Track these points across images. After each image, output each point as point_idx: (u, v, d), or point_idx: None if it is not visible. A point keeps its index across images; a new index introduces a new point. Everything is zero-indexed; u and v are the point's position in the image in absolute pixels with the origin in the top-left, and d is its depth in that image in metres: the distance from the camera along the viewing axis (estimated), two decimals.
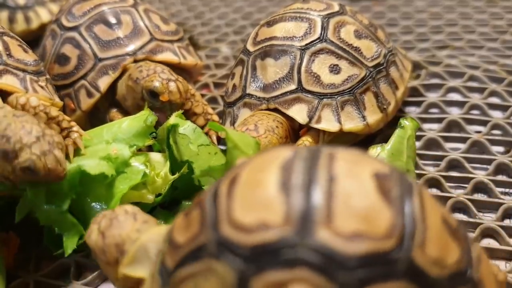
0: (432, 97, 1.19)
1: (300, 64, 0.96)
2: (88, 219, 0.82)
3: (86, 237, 0.65)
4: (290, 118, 0.96)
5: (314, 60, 0.97)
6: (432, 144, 1.06)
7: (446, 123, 1.10)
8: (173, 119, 0.89)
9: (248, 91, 1.00)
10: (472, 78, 1.24)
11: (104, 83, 1.04)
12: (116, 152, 0.87)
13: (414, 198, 0.48)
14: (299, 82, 0.96)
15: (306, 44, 0.98)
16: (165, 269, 0.53)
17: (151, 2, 1.90)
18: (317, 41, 0.98)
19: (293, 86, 0.96)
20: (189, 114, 1.05)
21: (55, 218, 0.82)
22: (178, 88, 0.97)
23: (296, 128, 0.98)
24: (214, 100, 1.28)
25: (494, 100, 1.16)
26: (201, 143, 0.88)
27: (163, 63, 1.06)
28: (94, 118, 1.08)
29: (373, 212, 0.46)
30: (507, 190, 0.95)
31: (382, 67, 1.02)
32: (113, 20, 1.08)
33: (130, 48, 1.06)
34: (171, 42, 1.12)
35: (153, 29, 1.10)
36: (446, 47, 1.41)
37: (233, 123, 1.01)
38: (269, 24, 1.04)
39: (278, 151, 0.52)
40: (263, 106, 0.97)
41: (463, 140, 1.05)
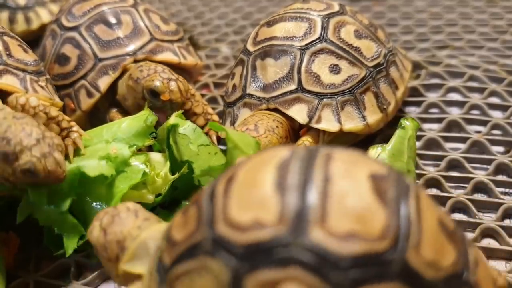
0: (432, 97, 1.19)
1: (300, 64, 0.96)
2: (88, 219, 0.82)
3: (88, 233, 0.65)
4: (290, 118, 0.96)
5: (314, 60, 0.97)
6: (432, 144, 1.06)
7: (446, 123, 1.10)
8: (173, 119, 0.89)
9: (248, 91, 1.00)
10: (472, 78, 1.24)
11: (104, 83, 1.04)
12: (115, 151, 0.87)
13: (410, 200, 0.48)
14: (299, 82, 0.96)
15: (306, 44, 0.98)
16: (162, 266, 0.54)
17: (151, 2, 1.90)
18: (317, 41, 0.98)
19: (293, 86, 0.96)
20: (189, 114, 1.05)
21: (55, 219, 0.82)
22: (179, 87, 0.97)
23: (296, 128, 0.98)
24: (214, 100, 1.28)
25: (494, 100, 1.16)
26: (201, 143, 0.88)
27: (163, 63, 1.06)
28: (94, 118, 1.08)
29: (367, 212, 0.46)
30: (507, 190, 0.95)
31: (382, 67, 1.02)
32: (113, 20, 1.08)
33: (130, 48, 1.06)
34: (171, 42, 1.12)
35: (153, 29, 1.10)
36: (446, 47, 1.41)
37: (233, 123, 1.01)
38: (269, 24, 1.04)
39: (275, 151, 0.52)
40: (263, 106, 0.97)
41: (463, 140, 1.05)
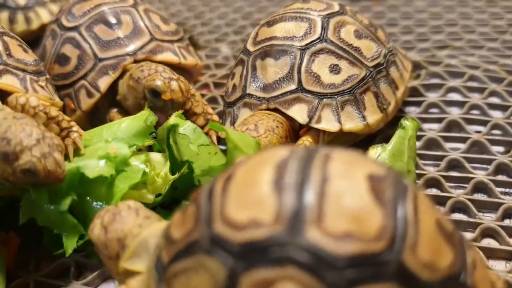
0: (432, 97, 1.19)
1: (300, 64, 0.96)
2: (88, 219, 0.82)
3: (89, 231, 0.66)
4: (290, 118, 0.96)
5: (314, 60, 0.97)
6: (432, 144, 1.06)
7: (446, 123, 1.10)
8: (173, 119, 0.89)
9: (248, 91, 1.00)
10: (472, 78, 1.24)
11: (104, 83, 1.04)
12: (115, 151, 0.87)
13: (408, 201, 0.48)
14: (299, 82, 0.96)
15: (306, 44, 0.98)
16: (160, 263, 0.54)
17: (151, 2, 1.91)
18: (317, 41, 0.98)
19: (293, 86, 0.96)
20: (189, 114, 1.05)
21: (55, 219, 0.82)
22: (180, 87, 0.97)
23: (296, 128, 0.98)
24: (214, 100, 1.28)
25: (494, 100, 1.16)
26: (201, 143, 0.88)
27: (163, 63, 1.06)
28: (94, 118, 1.08)
29: (364, 213, 0.46)
30: (507, 190, 0.95)
31: (382, 67, 1.02)
32: (113, 20, 1.08)
33: (130, 48, 1.06)
34: (171, 42, 1.12)
35: (153, 29, 1.10)
36: (446, 47, 1.41)
37: (233, 123, 1.01)
38: (269, 24, 1.04)
39: (274, 151, 0.53)
40: (263, 106, 0.97)
41: (463, 140, 1.05)
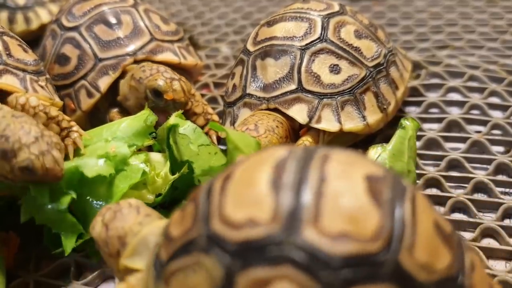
0: (432, 97, 1.19)
1: (300, 64, 0.96)
2: (89, 219, 0.82)
3: (90, 228, 0.66)
4: (290, 118, 0.96)
5: (314, 60, 0.97)
6: (432, 144, 1.06)
7: (446, 123, 1.10)
8: (173, 119, 0.89)
9: (248, 91, 1.00)
10: (472, 78, 1.24)
11: (104, 83, 1.04)
12: (114, 150, 0.87)
13: (405, 202, 0.48)
14: (299, 82, 0.96)
15: (306, 44, 0.98)
16: (159, 261, 0.54)
17: (151, 2, 1.91)
18: (317, 41, 0.98)
19: (293, 86, 0.96)
20: (189, 114, 1.05)
21: (54, 218, 0.82)
22: (182, 87, 0.97)
23: (296, 128, 0.98)
24: (214, 100, 1.28)
25: (494, 100, 1.16)
26: (201, 143, 0.88)
27: (163, 63, 1.06)
28: (94, 118, 1.08)
29: (361, 213, 0.46)
30: (507, 190, 0.95)
31: (382, 67, 1.02)
32: (113, 20, 1.08)
33: (130, 48, 1.06)
34: (171, 42, 1.12)
35: (153, 29, 1.10)
36: (446, 47, 1.41)
37: (233, 123, 1.01)
38: (269, 24, 1.04)
39: (273, 151, 0.53)
40: (263, 106, 0.97)
41: (463, 140, 1.05)
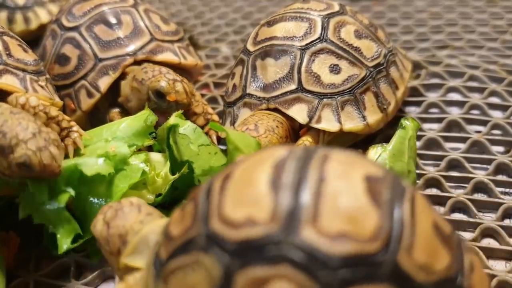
0: (432, 97, 1.19)
1: (300, 64, 0.96)
2: (89, 219, 0.82)
3: (91, 226, 0.66)
4: (290, 118, 0.96)
5: (314, 60, 0.97)
6: (432, 144, 1.06)
7: (446, 123, 1.10)
8: (173, 119, 0.89)
9: (248, 91, 1.00)
10: (472, 78, 1.24)
11: (104, 83, 1.04)
12: (114, 149, 0.87)
13: (405, 203, 0.48)
14: (299, 82, 0.96)
15: (306, 44, 0.98)
16: (159, 260, 0.54)
17: (151, 2, 1.91)
18: (317, 41, 0.98)
19: (293, 86, 0.96)
20: (189, 114, 1.05)
21: (51, 216, 0.82)
22: (184, 88, 0.97)
23: (296, 128, 0.98)
24: (214, 100, 1.28)
25: (494, 100, 1.16)
26: (201, 143, 0.88)
27: (163, 63, 1.06)
28: (94, 118, 1.08)
29: (360, 213, 0.46)
30: (507, 190, 0.95)
31: (382, 67, 1.02)
32: (113, 20, 1.08)
33: (130, 48, 1.06)
34: (172, 42, 1.12)
35: (153, 29, 1.10)
36: (446, 47, 1.41)
37: (233, 123, 1.01)
38: (269, 24, 1.04)
39: (273, 151, 0.53)
40: (263, 106, 0.97)
41: (463, 140, 1.05)
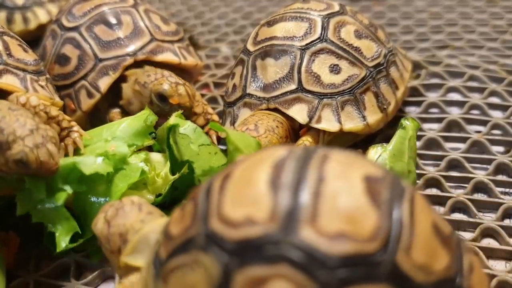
0: (432, 97, 1.19)
1: (300, 64, 0.96)
2: (88, 217, 0.82)
3: (92, 225, 0.66)
4: (290, 118, 0.96)
5: (314, 60, 0.97)
6: (432, 144, 1.06)
7: (446, 123, 1.10)
8: (173, 119, 0.89)
9: (248, 91, 1.00)
10: (472, 78, 1.24)
11: (104, 84, 1.04)
12: (114, 148, 0.87)
13: (404, 203, 0.48)
14: (299, 82, 0.96)
15: (307, 44, 0.98)
16: (158, 259, 0.54)
17: (151, 2, 1.91)
18: (317, 41, 0.98)
19: (293, 86, 0.96)
20: (189, 114, 1.05)
21: (49, 214, 0.81)
22: (187, 91, 0.97)
23: (296, 128, 0.98)
24: (214, 100, 1.28)
25: (494, 100, 1.16)
26: (201, 143, 0.88)
27: (164, 64, 1.06)
28: (95, 118, 1.08)
29: (359, 213, 0.46)
30: (507, 190, 0.95)
31: (382, 67, 1.02)
32: (113, 20, 1.08)
33: (130, 48, 1.06)
34: (172, 42, 1.12)
35: (153, 29, 1.10)
36: (446, 47, 1.41)
37: (233, 123, 1.01)
38: (269, 24, 1.04)
39: (273, 150, 0.53)
40: (263, 106, 0.97)
41: (463, 140, 1.05)
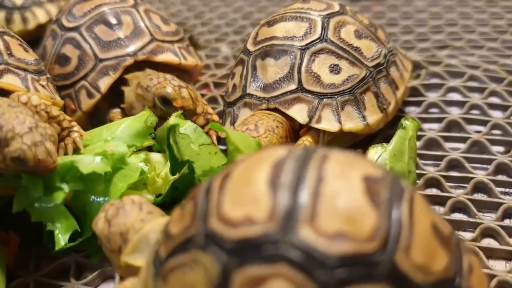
0: (432, 97, 1.20)
1: (300, 64, 0.97)
2: (88, 217, 0.82)
3: (93, 224, 0.66)
4: (290, 118, 0.96)
5: (314, 60, 0.97)
6: (432, 144, 1.06)
7: (446, 123, 1.10)
8: (173, 119, 0.89)
9: (248, 91, 1.00)
10: (472, 78, 1.24)
11: (104, 84, 1.04)
12: (112, 148, 0.87)
13: (403, 203, 0.48)
14: (299, 82, 0.96)
15: (307, 44, 0.98)
16: (158, 259, 0.54)
17: (151, 2, 1.91)
18: (317, 41, 0.98)
19: (293, 86, 0.96)
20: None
21: (48, 213, 0.81)
22: (190, 94, 0.98)
23: (296, 128, 0.98)
24: (214, 100, 1.28)
25: (494, 100, 1.16)
26: (202, 143, 0.88)
27: (164, 64, 1.06)
28: (95, 118, 1.08)
29: (357, 213, 0.46)
30: (507, 190, 0.95)
31: (382, 67, 1.02)
32: (113, 20, 1.08)
33: (130, 48, 1.06)
34: (172, 42, 1.12)
35: (153, 29, 1.10)
36: (446, 47, 1.41)
37: (233, 123, 1.01)
38: (269, 24, 1.04)
39: (273, 150, 0.53)
40: (263, 106, 0.97)
41: (463, 140, 1.05)
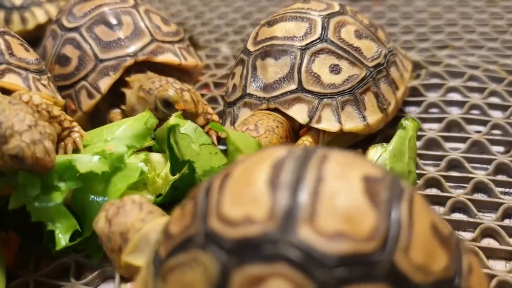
0: (432, 97, 1.20)
1: (300, 64, 0.97)
2: (88, 217, 0.82)
3: (93, 223, 0.66)
4: (290, 118, 0.96)
5: (314, 60, 0.97)
6: (432, 144, 1.06)
7: (446, 123, 1.10)
8: (173, 119, 0.89)
9: (248, 91, 1.00)
10: (472, 78, 1.24)
11: (105, 84, 1.04)
12: (111, 148, 0.87)
13: (403, 203, 0.49)
14: (300, 82, 0.96)
15: (307, 44, 0.98)
16: (158, 258, 0.54)
17: (151, 2, 1.91)
18: (317, 41, 0.98)
19: (293, 86, 0.96)
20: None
21: (48, 212, 0.81)
22: (192, 97, 0.98)
23: (296, 128, 0.98)
24: (214, 100, 1.28)
25: (494, 100, 1.17)
26: (202, 143, 0.88)
27: (164, 64, 1.06)
28: (95, 119, 1.08)
29: (357, 213, 0.46)
30: (507, 190, 0.95)
31: (382, 67, 1.02)
32: (114, 21, 1.08)
33: (131, 49, 1.06)
34: (172, 43, 1.12)
35: (154, 30, 1.11)
36: (446, 47, 1.41)
37: (233, 123, 1.01)
38: (269, 24, 1.04)
39: (273, 150, 0.53)
40: (263, 106, 0.97)
41: (463, 140, 1.05)
